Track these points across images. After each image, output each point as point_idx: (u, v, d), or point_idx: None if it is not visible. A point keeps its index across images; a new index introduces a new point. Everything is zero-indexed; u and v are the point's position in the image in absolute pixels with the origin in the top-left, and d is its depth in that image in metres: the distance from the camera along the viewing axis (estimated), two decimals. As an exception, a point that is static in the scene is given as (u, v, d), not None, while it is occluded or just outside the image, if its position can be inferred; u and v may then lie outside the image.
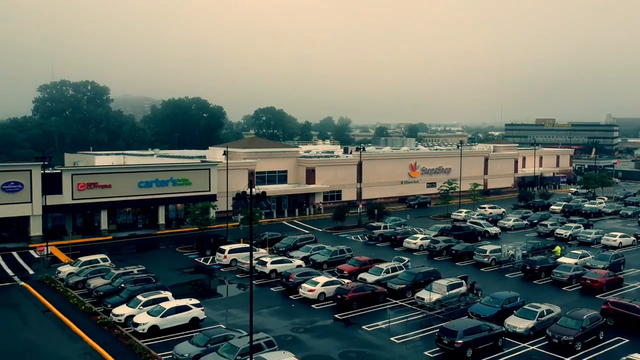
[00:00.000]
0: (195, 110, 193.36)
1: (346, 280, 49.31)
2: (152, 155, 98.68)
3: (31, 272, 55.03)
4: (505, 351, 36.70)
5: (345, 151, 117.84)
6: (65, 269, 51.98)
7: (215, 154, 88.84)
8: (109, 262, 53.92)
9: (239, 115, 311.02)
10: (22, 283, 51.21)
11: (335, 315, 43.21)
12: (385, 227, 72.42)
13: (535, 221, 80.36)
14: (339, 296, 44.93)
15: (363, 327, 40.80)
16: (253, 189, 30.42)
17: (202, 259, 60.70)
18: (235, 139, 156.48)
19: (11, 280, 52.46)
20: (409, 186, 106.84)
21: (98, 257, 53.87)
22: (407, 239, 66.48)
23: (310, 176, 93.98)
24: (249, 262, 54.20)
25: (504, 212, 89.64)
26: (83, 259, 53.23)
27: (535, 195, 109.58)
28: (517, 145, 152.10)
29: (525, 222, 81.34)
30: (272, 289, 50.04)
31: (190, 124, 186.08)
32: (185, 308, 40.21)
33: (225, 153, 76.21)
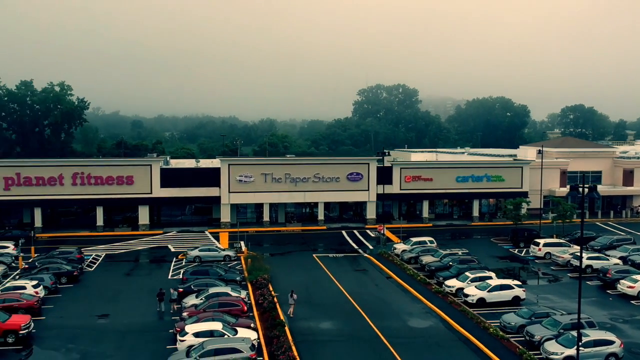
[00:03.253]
0: (499, 109, 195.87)
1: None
2: (463, 153, 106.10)
3: (370, 247, 66.77)
4: None
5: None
6: (399, 247, 62.29)
7: (525, 152, 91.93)
8: (435, 244, 62.51)
9: (543, 114, 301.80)
10: (366, 255, 62.96)
11: (658, 313, 43.97)
12: None
13: None
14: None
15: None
16: (586, 187, 34.29)
17: (516, 250, 65.50)
18: (540, 139, 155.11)
19: (356, 252, 64.75)
20: None
21: (426, 239, 62.99)
22: None
23: (628, 178, 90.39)
24: (564, 255, 57.32)
25: None
26: (414, 239, 63.00)
27: None
28: None
29: None
30: (587, 282, 52.33)
31: (493, 123, 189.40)
32: (508, 287, 45.87)
33: (540, 152, 79.14)
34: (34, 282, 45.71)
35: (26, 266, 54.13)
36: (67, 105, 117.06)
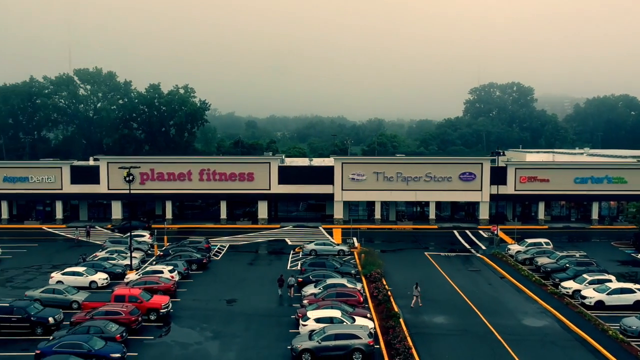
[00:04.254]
0: (621, 108, 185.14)
1: None
2: (582, 153, 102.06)
3: (483, 247, 66.65)
4: None
5: None
6: (514, 247, 61.84)
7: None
8: (551, 245, 61.39)
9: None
10: (478, 254, 63.03)
11: None
12: None
13: None
14: None
15: None
16: None
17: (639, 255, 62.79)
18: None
19: (468, 251, 64.94)
20: None
21: (541, 240, 62.06)
22: None
23: None
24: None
25: None
26: (529, 240, 62.27)
27: None
28: None
29: None
30: None
31: (615, 122, 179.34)
32: (630, 290, 44.55)
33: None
34: (170, 268, 50.59)
35: (161, 253, 59.68)
36: (191, 106, 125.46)
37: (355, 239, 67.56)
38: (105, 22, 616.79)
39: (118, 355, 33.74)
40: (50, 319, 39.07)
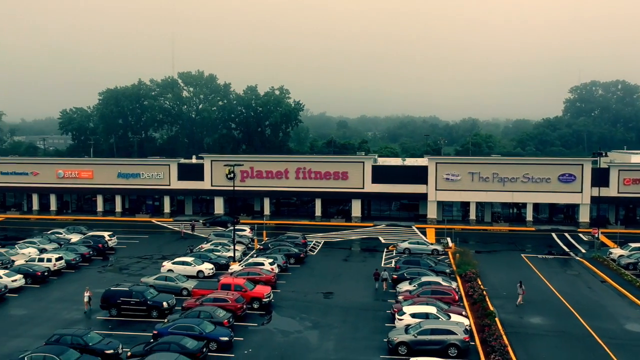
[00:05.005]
0: None
1: None
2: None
3: (582, 250, 64.70)
4: None
5: None
6: (616, 251, 59.74)
7: None
8: (657, 250, 58.74)
9: None
10: (577, 258, 61.33)
11: None
12: None
13: None
14: None
15: None
16: None
17: None
18: None
19: (567, 255, 63.29)
20: None
21: (649, 244, 59.50)
22: None
23: None
24: None
25: None
26: (633, 244, 59.92)
27: None
28: None
29: None
30: None
31: None
32: None
33: None
34: (270, 260, 53.24)
35: (261, 247, 62.70)
36: (286, 107, 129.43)
37: (449, 239, 67.63)
38: (206, 28, 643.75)
39: (226, 338, 36.38)
40: (164, 304, 42.54)
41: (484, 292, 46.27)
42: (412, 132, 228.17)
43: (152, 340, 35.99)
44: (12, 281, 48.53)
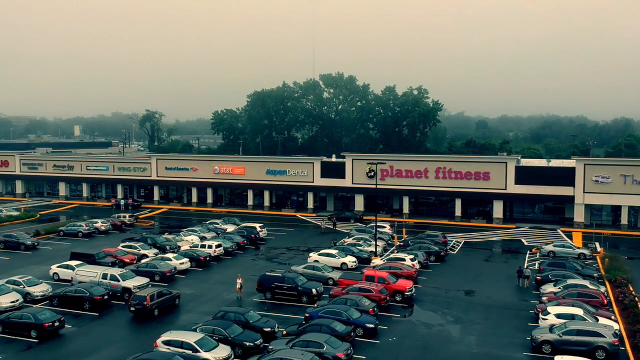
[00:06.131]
0: None
1: None
2: None
3: None
4: None
5: None
6: None
7: None
8: None
9: None
10: None
11: None
12: None
13: None
14: None
15: None
16: None
17: None
18: None
19: None
20: None
21: None
22: None
23: None
24: None
25: None
26: None
27: None
28: None
29: None
30: None
31: None
32: None
33: None
34: (411, 256, 54.85)
35: (401, 244, 64.47)
36: (424, 107, 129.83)
37: (597, 244, 64.85)
38: (347, 30, 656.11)
39: (372, 325, 38.69)
40: (314, 290, 45.82)
41: (636, 299, 44.45)
42: (558, 132, 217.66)
43: (304, 322, 39.23)
44: (180, 264, 54.76)
